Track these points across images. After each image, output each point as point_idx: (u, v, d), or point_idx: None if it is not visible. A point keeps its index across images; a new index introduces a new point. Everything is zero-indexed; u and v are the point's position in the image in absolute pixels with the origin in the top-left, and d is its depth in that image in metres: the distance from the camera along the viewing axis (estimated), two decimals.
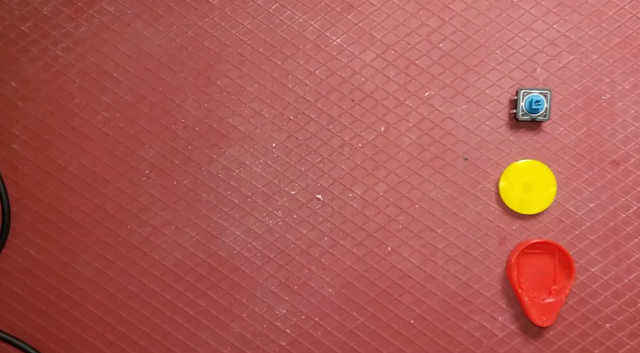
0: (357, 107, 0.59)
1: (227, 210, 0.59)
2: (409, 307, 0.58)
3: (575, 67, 0.58)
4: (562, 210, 0.58)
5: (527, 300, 0.56)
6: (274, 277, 0.59)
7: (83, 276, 0.59)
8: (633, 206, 0.58)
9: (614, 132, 0.58)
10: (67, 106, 0.59)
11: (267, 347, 0.59)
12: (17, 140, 0.59)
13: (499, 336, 0.58)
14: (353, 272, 0.59)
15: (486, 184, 0.58)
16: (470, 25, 0.58)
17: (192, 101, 0.59)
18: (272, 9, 0.59)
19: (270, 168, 0.59)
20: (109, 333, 0.59)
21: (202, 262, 0.59)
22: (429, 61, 0.58)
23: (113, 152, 0.59)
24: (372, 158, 0.58)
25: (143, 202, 0.59)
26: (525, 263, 0.57)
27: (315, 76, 0.59)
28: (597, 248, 0.58)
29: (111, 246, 0.59)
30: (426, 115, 0.58)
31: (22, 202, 0.59)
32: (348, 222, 0.59)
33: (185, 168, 0.59)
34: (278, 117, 0.59)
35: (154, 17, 0.59)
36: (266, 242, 0.59)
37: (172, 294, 0.59)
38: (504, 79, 0.58)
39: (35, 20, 0.59)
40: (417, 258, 0.58)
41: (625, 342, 0.58)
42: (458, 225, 0.58)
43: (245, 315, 0.59)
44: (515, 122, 0.58)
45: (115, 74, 0.59)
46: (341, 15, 0.59)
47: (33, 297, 0.59)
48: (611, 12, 0.58)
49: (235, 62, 0.59)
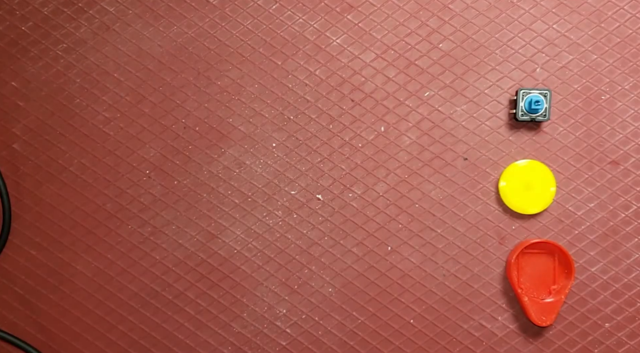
0: (357, 107, 0.59)
1: (228, 210, 0.59)
2: (409, 307, 0.58)
3: (574, 67, 0.58)
4: (561, 210, 0.58)
5: (526, 299, 0.56)
6: (274, 277, 0.59)
7: (83, 276, 0.59)
8: (632, 206, 0.58)
9: (613, 132, 0.58)
10: (68, 106, 0.59)
11: (267, 347, 0.59)
12: (18, 140, 0.59)
13: (499, 335, 0.58)
14: (353, 271, 0.59)
15: (486, 184, 0.58)
16: (470, 26, 0.58)
17: (193, 101, 0.59)
18: (272, 9, 0.59)
19: (271, 168, 0.59)
20: (110, 333, 0.59)
21: (202, 262, 0.59)
22: (428, 61, 0.58)
23: (114, 152, 0.59)
24: (372, 158, 0.59)
25: (144, 202, 0.59)
26: (524, 263, 0.57)
27: (315, 76, 0.59)
28: (596, 248, 0.58)
29: (112, 246, 0.59)
30: (426, 115, 0.58)
31: (23, 202, 0.59)
32: (348, 221, 0.59)
33: (185, 168, 0.59)
34: (278, 117, 0.59)
35: (155, 18, 0.59)
36: (266, 242, 0.59)
37: (172, 294, 0.59)
38: (503, 79, 0.58)
39: (36, 20, 0.59)
40: (417, 258, 0.58)
41: (624, 341, 0.58)
42: (458, 225, 0.58)
43: (245, 315, 0.59)
44: (515, 122, 0.58)
45: (115, 74, 0.59)
46: (341, 15, 0.59)
47: (33, 296, 0.59)
48: (611, 13, 0.58)
49: (236, 62, 0.59)
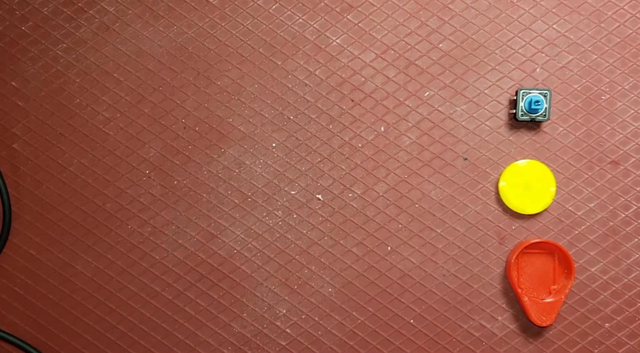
0: (357, 107, 0.59)
1: (228, 210, 0.59)
2: (409, 307, 0.58)
3: (574, 67, 0.58)
4: (561, 210, 0.58)
5: (526, 299, 0.56)
6: (274, 277, 0.59)
7: (83, 276, 0.59)
8: (632, 206, 0.58)
9: (613, 132, 0.58)
10: (68, 106, 0.59)
11: (267, 347, 0.59)
12: (17, 140, 0.59)
13: (499, 336, 0.58)
14: (353, 271, 0.59)
15: (486, 184, 0.58)
16: (469, 26, 0.58)
17: (193, 101, 0.59)
18: (272, 9, 0.59)
19: (270, 168, 0.59)
20: (110, 333, 0.59)
21: (202, 262, 0.59)
22: (428, 61, 0.58)
23: (113, 152, 0.59)
24: (372, 158, 0.59)
25: (143, 202, 0.59)
26: (524, 263, 0.57)
27: (315, 76, 0.59)
28: (596, 248, 0.58)
29: (112, 246, 0.59)
30: (426, 115, 0.58)
31: (23, 202, 0.59)
32: (348, 221, 0.59)
33: (185, 168, 0.59)
34: (278, 117, 0.59)
35: (154, 18, 0.59)
36: (266, 242, 0.59)
37: (172, 294, 0.59)
38: (503, 79, 0.58)
39: (36, 20, 0.59)
40: (417, 258, 0.58)
41: (624, 341, 0.58)
42: (458, 225, 0.58)
43: (245, 315, 0.59)
44: (515, 122, 0.58)
45: (115, 74, 0.59)
46: (341, 15, 0.59)
47: (33, 296, 0.59)
48: (611, 13, 0.58)
49: (236, 62, 0.59)
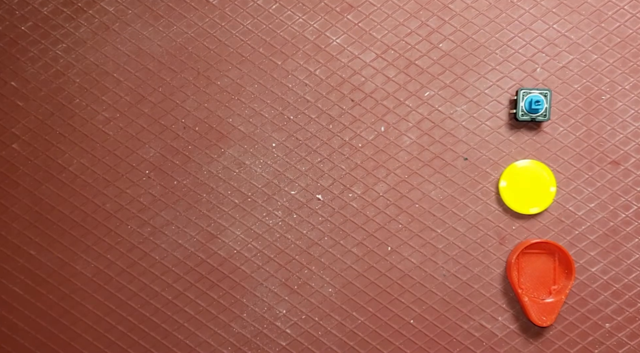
0: (357, 107, 0.59)
1: (227, 210, 0.59)
2: (409, 307, 0.58)
3: (575, 67, 0.58)
4: (562, 210, 0.58)
5: (527, 300, 0.56)
6: (274, 277, 0.59)
7: (83, 276, 0.59)
8: (633, 206, 0.58)
9: (613, 132, 0.58)
10: (67, 106, 0.59)
11: (267, 347, 0.59)
12: (17, 140, 0.59)
13: (499, 336, 0.58)
14: (353, 271, 0.59)
15: (486, 184, 0.58)
16: (470, 26, 0.58)
17: (192, 101, 0.59)
18: (272, 9, 0.59)
19: (270, 168, 0.59)
20: (109, 333, 0.59)
21: (202, 262, 0.59)
22: (429, 61, 0.58)
23: (113, 152, 0.59)
24: (372, 158, 0.58)
25: (143, 202, 0.59)
26: (525, 263, 0.57)
27: (315, 76, 0.59)
28: (596, 248, 0.58)
29: (111, 246, 0.59)
30: (426, 115, 0.58)
31: (23, 202, 0.59)
32: (348, 222, 0.59)
33: (185, 168, 0.59)
34: (278, 117, 0.59)
35: (154, 17, 0.59)
36: (266, 242, 0.59)
37: (172, 294, 0.59)
38: (503, 79, 0.58)
39: (35, 20, 0.59)
40: (417, 258, 0.58)
41: (625, 341, 0.58)
42: (458, 225, 0.58)
43: (245, 315, 0.59)
44: (515, 122, 0.58)
45: (115, 74, 0.59)
46: (341, 15, 0.59)
47: (33, 297, 0.59)
48: (611, 13, 0.58)
49: (235, 62, 0.59)
